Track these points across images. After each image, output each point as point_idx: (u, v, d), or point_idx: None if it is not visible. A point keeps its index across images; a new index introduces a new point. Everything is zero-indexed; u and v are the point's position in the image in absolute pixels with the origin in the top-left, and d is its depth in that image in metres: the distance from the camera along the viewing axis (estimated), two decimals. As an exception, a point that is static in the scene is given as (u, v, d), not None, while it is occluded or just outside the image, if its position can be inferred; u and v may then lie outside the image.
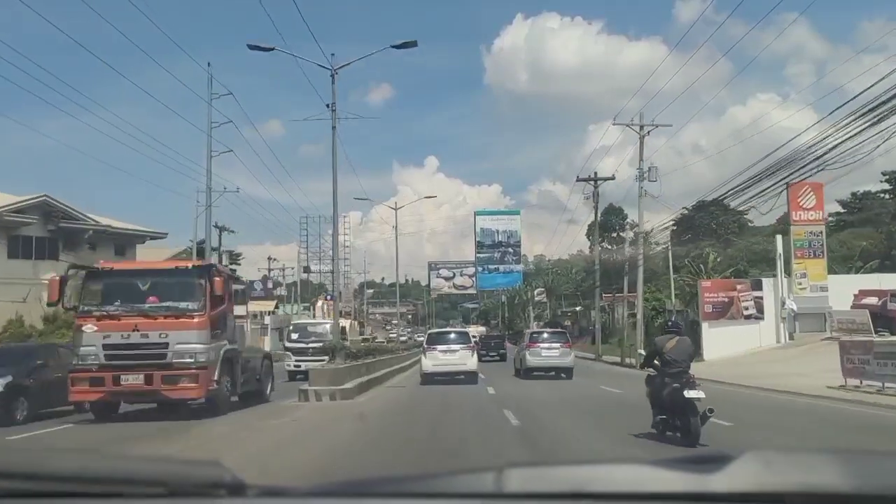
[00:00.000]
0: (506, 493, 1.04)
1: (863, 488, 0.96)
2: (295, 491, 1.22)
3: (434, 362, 21.23)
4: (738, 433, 10.72)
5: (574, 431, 11.26)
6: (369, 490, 1.18)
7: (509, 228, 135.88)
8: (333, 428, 12.21)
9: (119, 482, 1.21)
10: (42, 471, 1.23)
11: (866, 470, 1.03)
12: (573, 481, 1.04)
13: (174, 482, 1.20)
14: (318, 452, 9.56)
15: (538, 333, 26.04)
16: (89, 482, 1.20)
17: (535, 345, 23.45)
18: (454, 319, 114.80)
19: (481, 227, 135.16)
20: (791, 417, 13.39)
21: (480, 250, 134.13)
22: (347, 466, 8.06)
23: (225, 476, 1.20)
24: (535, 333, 26.06)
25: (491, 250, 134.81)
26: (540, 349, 23.17)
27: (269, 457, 9.00)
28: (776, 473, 0.99)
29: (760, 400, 16.81)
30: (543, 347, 23.21)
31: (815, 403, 15.48)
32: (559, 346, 23.14)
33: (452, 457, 8.52)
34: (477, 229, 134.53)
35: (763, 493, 0.97)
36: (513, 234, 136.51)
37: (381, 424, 12.48)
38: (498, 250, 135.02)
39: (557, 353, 22.68)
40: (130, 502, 1.19)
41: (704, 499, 0.98)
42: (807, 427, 11.93)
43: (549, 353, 23.02)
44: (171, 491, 1.17)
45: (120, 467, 1.32)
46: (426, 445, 9.72)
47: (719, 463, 1.01)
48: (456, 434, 10.90)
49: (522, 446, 9.71)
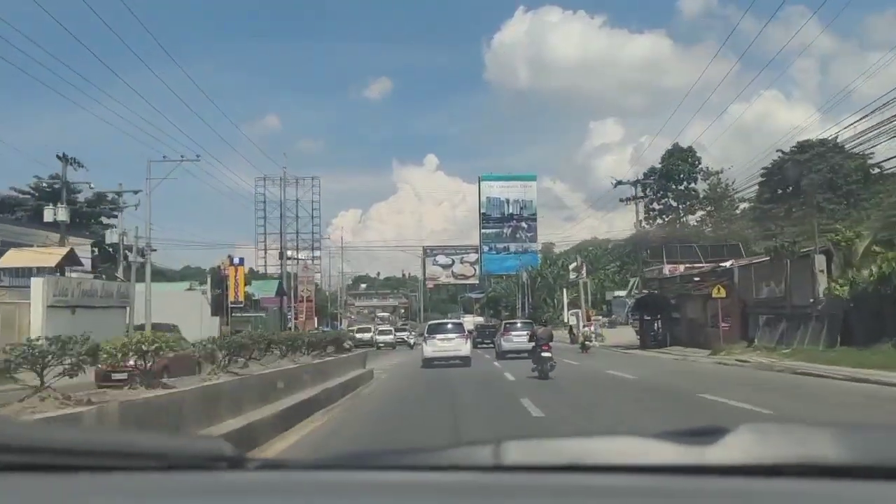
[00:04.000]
0: (504, 466, 1.07)
1: (859, 460, 0.97)
2: (295, 464, 1.25)
3: (433, 349, 24.70)
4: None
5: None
6: (369, 463, 1.21)
7: (523, 198, 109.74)
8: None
9: (117, 455, 1.21)
10: (38, 444, 1.19)
11: (863, 442, 1.04)
12: (570, 454, 1.07)
13: (173, 455, 1.22)
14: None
15: (512, 324, 31.29)
16: (86, 455, 1.18)
17: (508, 333, 29.05)
18: (453, 313, 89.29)
19: (487, 196, 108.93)
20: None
21: (486, 224, 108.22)
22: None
23: (225, 449, 1.22)
24: (508, 324, 31.66)
25: (499, 225, 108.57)
26: (511, 336, 28.20)
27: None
28: (772, 446, 1.01)
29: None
30: (514, 335, 27.96)
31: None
32: (526, 334, 24.88)
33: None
34: (482, 199, 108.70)
35: (759, 466, 0.98)
36: (527, 204, 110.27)
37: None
38: (508, 224, 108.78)
39: (525, 340, 24.21)
40: (129, 476, 1.17)
41: (701, 471, 1.00)
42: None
43: (518, 340, 26.48)
44: (170, 464, 1.19)
45: (118, 440, 1.33)
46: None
47: (715, 435, 1.02)
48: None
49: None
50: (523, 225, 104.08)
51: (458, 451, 1.14)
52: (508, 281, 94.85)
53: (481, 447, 1.11)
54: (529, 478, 1.04)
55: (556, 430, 9.58)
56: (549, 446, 1.13)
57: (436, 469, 1.10)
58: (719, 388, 14.70)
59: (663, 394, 14.48)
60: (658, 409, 11.92)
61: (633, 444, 1.07)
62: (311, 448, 8.96)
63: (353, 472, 1.19)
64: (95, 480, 1.14)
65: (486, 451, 1.09)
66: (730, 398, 12.59)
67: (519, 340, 25.94)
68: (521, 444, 1.11)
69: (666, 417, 10.85)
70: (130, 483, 1.15)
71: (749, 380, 16.98)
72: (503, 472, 1.07)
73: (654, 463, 1.02)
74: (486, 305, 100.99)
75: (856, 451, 0.99)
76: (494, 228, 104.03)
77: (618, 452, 1.06)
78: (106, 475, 1.15)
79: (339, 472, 1.19)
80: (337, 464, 1.22)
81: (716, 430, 1.04)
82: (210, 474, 1.18)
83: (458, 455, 1.13)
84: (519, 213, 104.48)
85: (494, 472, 1.07)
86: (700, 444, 1.01)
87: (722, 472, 0.99)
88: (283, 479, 1.19)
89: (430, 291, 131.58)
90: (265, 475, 1.22)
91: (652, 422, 10.27)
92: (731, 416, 10.37)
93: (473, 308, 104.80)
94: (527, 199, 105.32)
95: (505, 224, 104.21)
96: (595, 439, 1.11)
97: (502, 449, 1.08)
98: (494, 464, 1.07)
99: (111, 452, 1.22)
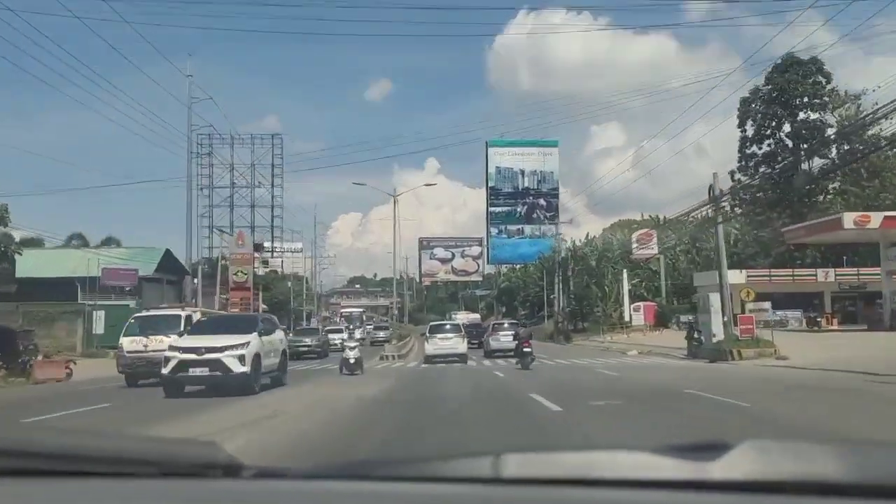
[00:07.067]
0: (503, 478, 1.06)
1: (862, 479, 0.97)
2: (291, 473, 1.22)
3: (434, 347, 26.21)
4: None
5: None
6: (366, 473, 1.20)
7: (542, 168, 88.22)
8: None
9: (111, 461, 1.19)
10: (32, 449, 1.19)
11: (865, 460, 1.05)
12: (571, 467, 1.07)
13: (167, 462, 1.20)
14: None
15: (499, 325, 31.91)
16: (80, 461, 1.17)
17: (496, 333, 29.92)
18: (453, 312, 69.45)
19: (497, 167, 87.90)
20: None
21: (496, 201, 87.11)
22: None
23: (219, 456, 1.20)
24: (496, 324, 32.55)
25: (512, 202, 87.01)
26: (499, 336, 29.00)
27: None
28: (774, 463, 1.01)
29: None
30: (501, 335, 28.83)
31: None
32: (511, 334, 26.48)
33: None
34: (490, 169, 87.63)
35: (762, 482, 0.98)
36: (547, 176, 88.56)
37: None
38: (523, 201, 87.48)
39: (510, 339, 25.58)
40: (122, 482, 1.15)
41: (703, 487, 0.99)
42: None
43: (505, 339, 27.57)
44: (164, 471, 1.17)
45: (112, 446, 1.30)
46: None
47: (717, 451, 1.02)
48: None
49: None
50: (541, 202, 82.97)
51: (457, 462, 1.13)
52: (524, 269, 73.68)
53: (481, 459, 1.10)
54: (529, 491, 1.04)
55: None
56: (550, 459, 1.13)
57: (434, 480, 1.09)
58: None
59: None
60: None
61: (635, 459, 1.06)
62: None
63: (350, 482, 1.17)
64: (87, 486, 1.13)
65: (485, 463, 1.08)
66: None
67: (506, 339, 27.08)
68: (520, 457, 1.10)
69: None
70: (123, 490, 1.13)
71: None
72: (502, 484, 1.06)
73: (657, 478, 1.01)
74: (498, 300, 79.86)
75: (858, 469, 0.98)
76: (506, 205, 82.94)
77: (619, 466, 1.05)
78: (98, 481, 1.14)
79: (336, 481, 1.17)
80: (335, 473, 1.21)
81: (718, 446, 1.02)
82: (204, 482, 1.17)
83: (457, 466, 1.12)
84: (536, 188, 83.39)
85: (493, 484, 1.06)
86: (702, 460, 1.00)
87: (724, 488, 0.98)
88: (278, 489, 1.17)
89: (427, 289, 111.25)
90: (261, 484, 1.20)
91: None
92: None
93: (478, 307, 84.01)
94: (546, 171, 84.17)
95: (519, 201, 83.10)
96: (596, 452, 1.11)
97: (502, 461, 1.07)
98: (494, 476, 1.06)
99: (104, 458, 1.19)
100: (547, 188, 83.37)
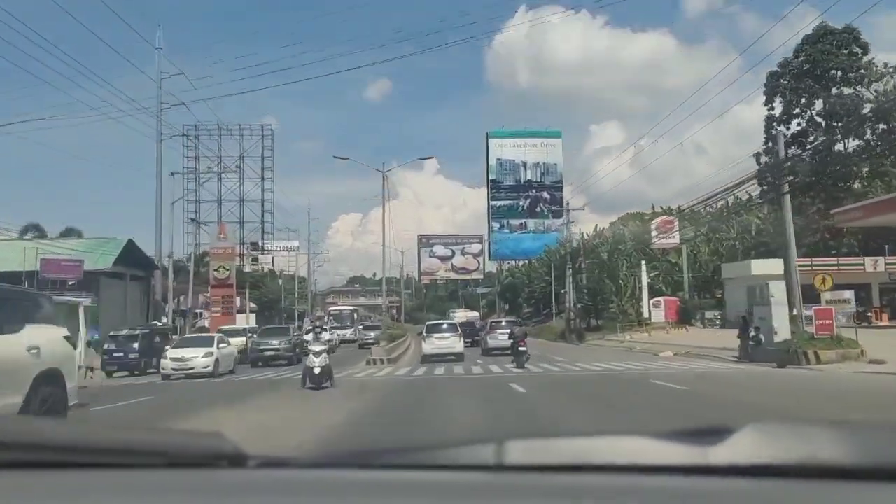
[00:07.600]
0: (507, 465, 1.07)
1: (865, 461, 0.97)
2: (296, 461, 1.23)
3: (431, 346, 26.58)
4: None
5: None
6: (371, 461, 1.21)
7: (545, 160, 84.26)
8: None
9: (117, 453, 1.21)
10: (39, 441, 1.21)
11: (869, 443, 1.05)
12: (574, 453, 1.08)
13: (173, 453, 1.21)
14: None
15: (497, 323, 32.68)
16: (87, 453, 1.19)
17: (493, 332, 30.21)
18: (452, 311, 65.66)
19: (498, 158, 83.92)
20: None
21: (497, 195, 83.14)
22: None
23: (225, 447, 1.21)
24: (493, 323, 33.25)
25: (514, 195, 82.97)
26: (497, 334, 29.14)
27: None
28: (778, 446, 1.01)
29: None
30: (499, 333, 28.91)
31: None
32: (508, 332, 26.20)
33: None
34: (491, 161, 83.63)
35: (765, 466, 0.98)
36: (550, 168, 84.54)
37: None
38: (525, 195, 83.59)
39: (506, 338, 25.68)
40: (130, 473, 1.17)
41: (706, 471, 1.00)
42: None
43: (502, 338, 27.24)
44: (170, 462, 1.19)
45: (118, 438, 1.32)
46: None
47: (720, 435, 1.02)
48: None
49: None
50: (545, 195, 79.21)
51: (460, 449, 1.13)
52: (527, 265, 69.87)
53: (484, 446, 1.10)
54: (532, 478, 1.04)
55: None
56: (553, 445, 1.13)
57: (438, 468, 1.10)
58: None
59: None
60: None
61: (638, 444, 1.06)
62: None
63: (355, 470, 1.18)
64: (96, 477, 1.14)
65: (488, 450, 1.08)
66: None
67: (503, 338, 26.88)
68: (523, 444, 1.11)
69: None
70: (131, 480, 1.15)
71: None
72: (506, 471, 1.07)
73: (660, 463, 1.01)
74: (501, 297, 76.02)
75: (862, 452, 0.98)
76: (507, 199, 79.19)
77: (622, 452, 1.05)
78: (107, 472, 1.16)
79: (341, 470, 1.19)
80: (339, 462, 1.22)
81: (721, 430, 1.02)
82: (211, 472, 1.18)
83: (460, 454, 1.12)
84: (539, 181, 79.63)
85: (497, 471, 1.07)
86: (705, 444, 1.00)
87: (727, 472, 0.98)
88: (284, 478, 1.18)
89: (427, 288, 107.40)
90: (266, 473, 1.20)
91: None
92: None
93: (479, 305, 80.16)
94: (550, 163, 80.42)
95: (521, 194, 79.35)
96: (599, 438, 1.10)
97: (505, 448, 1.08)
98: (497, 463, 1.06)
99: (112, 450, 1.21)
100: (550, 181, 79.63)
